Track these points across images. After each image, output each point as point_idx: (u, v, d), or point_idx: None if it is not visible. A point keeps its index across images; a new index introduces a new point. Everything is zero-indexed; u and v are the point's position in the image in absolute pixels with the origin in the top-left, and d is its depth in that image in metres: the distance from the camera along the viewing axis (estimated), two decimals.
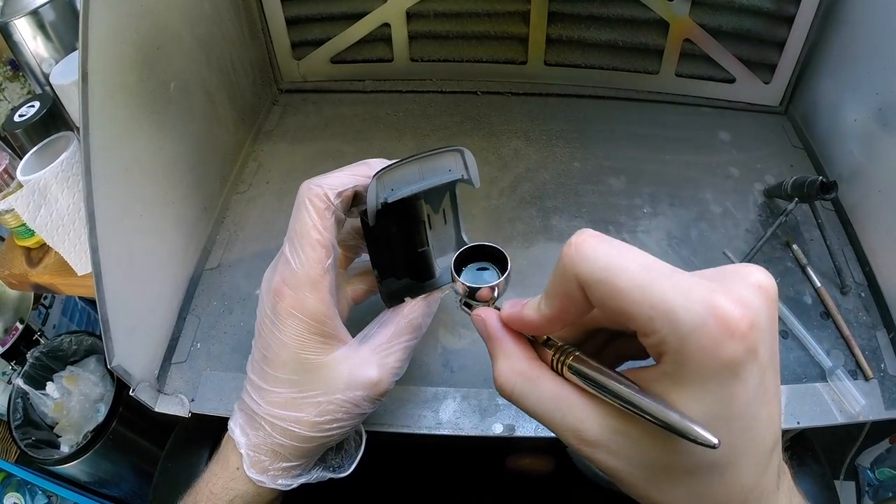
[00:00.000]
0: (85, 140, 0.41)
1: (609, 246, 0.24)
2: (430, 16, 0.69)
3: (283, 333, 0.35)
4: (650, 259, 0.23)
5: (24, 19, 0.64)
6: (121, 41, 0.46)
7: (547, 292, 0.26)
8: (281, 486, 0.37)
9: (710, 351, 0.21)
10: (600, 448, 0.24)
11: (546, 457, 0.52)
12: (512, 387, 0.27)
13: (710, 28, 0.66)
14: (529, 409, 0.27)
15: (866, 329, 0.51)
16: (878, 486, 0.98)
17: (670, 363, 0.22)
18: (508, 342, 0.28)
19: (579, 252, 0.24)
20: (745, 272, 0.23)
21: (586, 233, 0.24)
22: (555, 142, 0.67)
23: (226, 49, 0.64)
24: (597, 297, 0.24)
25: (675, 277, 0.22)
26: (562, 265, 0.24)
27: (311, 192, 0.35)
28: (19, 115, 0.63)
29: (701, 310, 0.21)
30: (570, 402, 0.25)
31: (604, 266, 0.23)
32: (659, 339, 0.22)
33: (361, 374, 0.36)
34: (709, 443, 0.21)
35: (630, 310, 0.22)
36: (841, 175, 0.61)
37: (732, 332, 0.21)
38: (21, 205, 0.56)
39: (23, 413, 0.90)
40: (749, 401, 0.22)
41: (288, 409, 0.36)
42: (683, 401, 0.22)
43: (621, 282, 0.22)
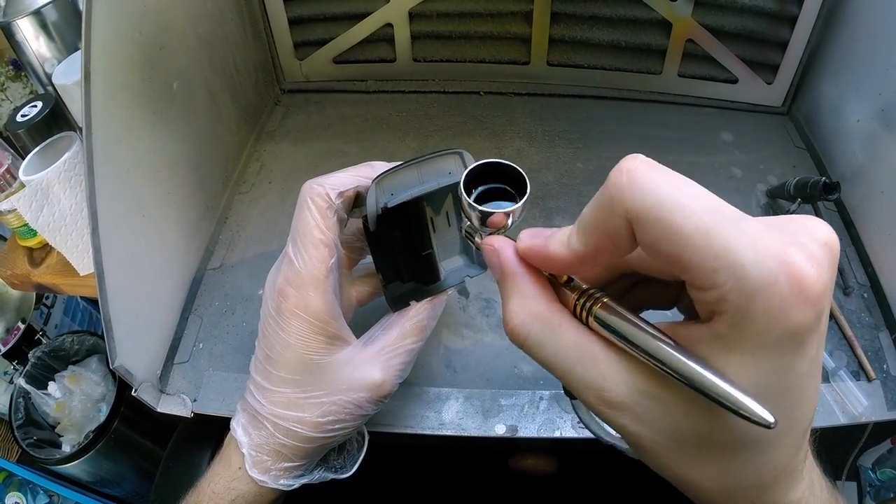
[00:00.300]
0: (87, 140, 0.41)
1: (668, 177, 0.20)
2: (433, 16, 0.69)
3: (287, 333, 0.35)
4: (715, 199, 0.19)
5: (26, 19, 0.64)
6: (123, 41, 0.46)
7: (583, 226, 0.22)
8: (283, 486, 0.37)
9: (778, 314, 0.18)
10: (625, 411, 0.21)
11: (548, 457, 0.52)
12: (528, 332, 0.23)
13: (712, 28, 0.65)
14: (545, 359, 0.23)
15: (869, 330, 0.51)
16: (879, 487, 0.98)
17: (727, 324, 0.19)
18: (526, 279, 0.24)
19: (633, 182, 0.20)
20: (811, 226, 0.19)
21: (639, 158, 0.20)
22: (557, 142, 0.67)
23: (228, 49, 0.64)
24: (648, 239, 0.20)
25: (744, 224, 0.19)
26: (608, 195, 0.20)
27: (313, 192, 0.35)
28: (22, 115, 0.63)
29: (773, 266, 0.18)
30: (594, 355, 0.22)
31: (660, 201, 0.19)
32: (719, 296, 0.19)
33: (365, 376, 0.36)
34: (764, 422, 0.18)
35: (689, 258, 0.19)
36: (843, 176, 0.60)
37: (806, 295, 0.18)
38: (23, 205, 0.56)
39: (24, 413, 0.90)
40: (804, 373, 0.19)
41: (291, 410, 0.36)
42: (734, 369, 0.19)
43: (682, 223, 0.19)
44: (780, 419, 0.19)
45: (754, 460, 0.21)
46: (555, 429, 0.45)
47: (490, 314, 0.52)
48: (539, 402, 0.46)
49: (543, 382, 0.48)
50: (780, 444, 0.21)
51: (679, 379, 0.19)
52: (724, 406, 0.19)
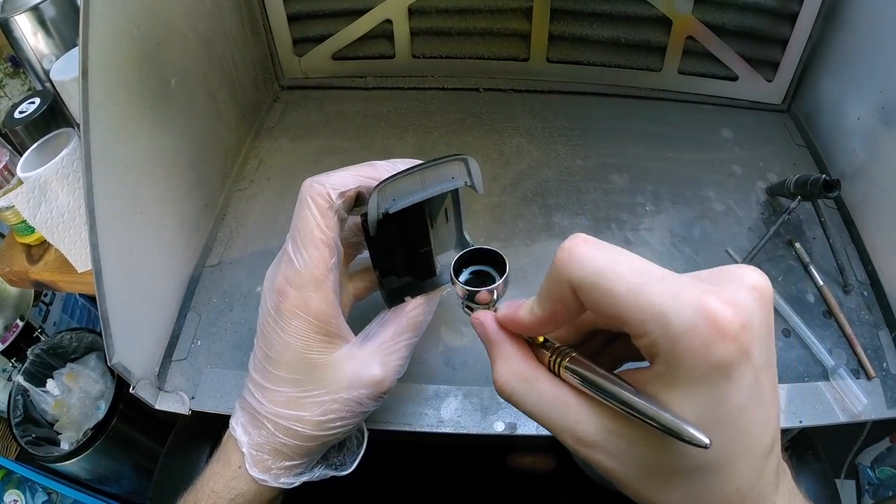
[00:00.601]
0: (85, 136, 0.41)
1: (602, 251, 0.24)
2: (432, 12, 0.69)
3: (287, 333, 0.35)
4: (642, 263, 0.23)
5: (24, 15, 0.64)
6: (121, 37, 0.45)
7: (540, 294, 0.26)
8: (283, 484, 0.37)
9: (700, 352, 0.21)
10: (597, 448, 0.25)
11: (547, 455, 0.52)
12: (511, 389, 0.27)
13: (712, 25, 0.65)
14: (527, 409, 0.27)
15: (869, 328, 0.51)
16: (878, 485, 0.98)
17: (663, 364, 0.22)
18: (506, 344, 0.28)
19: (572, 257, 0.24)
20: (740, 273, 0.23)
21: (579, 237, 0.24)
22: (557, 139, 0.67)
23: (227, 45, 0.63)
24: (590, 301, 0.24)
25: (667, 281, 0.22)
26: (555, 269, 0.25)
27: (314, 191, 0.35)
28: (20, 111, 0.63)
29: (691, 312, 0.21)
30: (567, 402, 0.25)
31: (596, 271, 0.23)
32: (651, 342, 0.22)
33: (365, 373, 0.36)
34: (700, 443, 0.21)
35: (622, 313, 0.23)
36: (844, 173, 0.60)
37: (723, 333, 0.21)
38: (21, 201, 0.56)
39: (23, 410, 0.90)
40: (743, 403, 0.22)
41: (291, 409, 0.35)
42: (676, 402, 0.22)
43: (614, 286, 0.23)
44: (724, 443, 0.22)
45: (714, 484, 0.23)
46: None
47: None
48: None
49: None
50: (735, 467, 0.23)
51: (632, 414, 0.23)
52: (667, 432, 0.21)
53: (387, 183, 0.35)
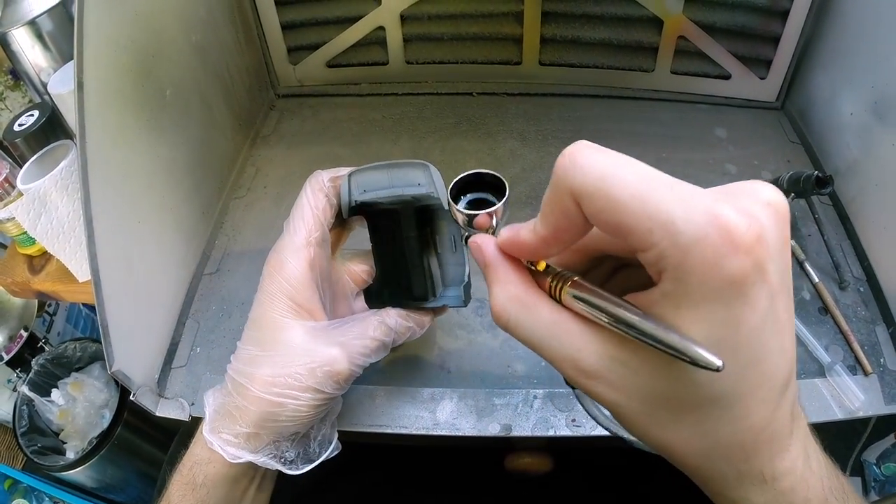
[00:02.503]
0: (81, 148, 0.41)
1: (605, 155, 0.21)
2: (424, 18, 0.69)
3: (262, 293, 0.37)
4: (649, 169, 0.21)
5: (22, 29, 0.64)
6: (116, 49, 0.46)
7: (542, 211, 0.24)
8: (228, 454, 0.37)
9: (713, 265, 0.19)
10: (599, 379, 0.23)
11: (544, 456, 0.52)
12: (508, 314, 0.25)
13: (704, 25, 0.65)
14: (525, 337, 0.25)
15: (865, 324, 0.51)
16: (884, 482, 0.97)
17: (671, 281, 0.20)
18: (504, 268, 0.26)
19: (573, 162, 0.22)
20: (753, 188, 0.21)
21: (581, 143, 0.22)
22: (551, 142, 0.67)
23: (222, 55, 0.64)
24: (592, 211, 0.21)
25: (676, 187, 0.20)
26: (555, 178, 0.22)
27: (313, 178, 0.39)
28: (19, 124, 0.63)
29: (702, 219, 0.19)
30: (568, 329, 0.24)
31: (599, 176, 0.21)
32: (658, 254, 0.20)
33: (323, 349, 0.36)
34: (712, 365, 0.19)
35: (627, 222, 0.20)
36: (838, 169, 0.60)
37: (737, 244, 0.19)
38: (21, 213, 0.56)
39: (28, 420, 0.90)
40: (758, 326, 0.20)
41: (248, 366, 0.37)
42: (686, 323, 0.20)
43: (618, 192, 0.20)
44: (736, 371, 0.20)
45: (725, 418, 0.22)
46: (549, 427, 0.45)
47: (484, 314, 0.52)
48: (533, 401, 0.47)
49: (537, 381, 0.48)
50: (750, 400, 0.22)
51: (637, 336, 0.21)
52: (675, 355, 0.20)
53: (356, 171, 0.38)
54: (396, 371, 0.49)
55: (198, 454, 0.38)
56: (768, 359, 0.21)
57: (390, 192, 0.37)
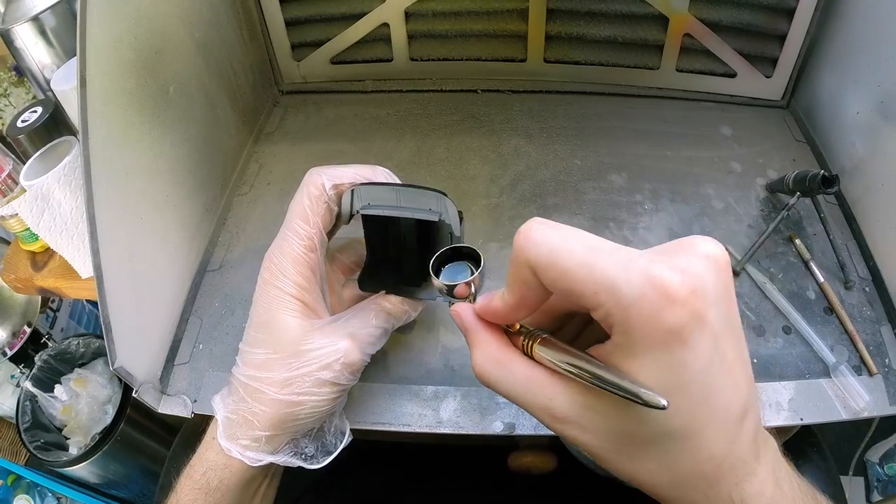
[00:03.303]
0: (84, 144, 0.41)
1: (555, 230, 0.25)
2: (429, 15, 0.69)
3: (266, 297, 0.37)
4: (595, 239, 0.24)
5: (25, 25, 0.64)
6: (119, 46, 0.46)
7: (507, 282, 0.27)
8: (249, 459, 0.37)
9: (652, 319, 0.22)
10: (571, 424, 0.26)
11: (548, 454, 0.52)
12: (487, 373, 0.28)
13: (710, 22, 0.65)
14: (505, 392, 0.28)
15: (870, 324, 0.51)
16: (887, 482, 0.97)
17: (619, 334, 0.23)
18: (482, 332, 0.30)
19: (527, 239, 0.25)
20: (692, 243, 0.24)
21: (534, 221, 0.25)
22: (555, 139, 0.67)
23: (225, 52, 0.64)
24: (548, 280, 0.25)
25: (616, 253, 0.23)
26: (513, 253, 0.26)
27: (311, 179, 0.38)
28: (22, 120, 0.63)
29: (639, 280, 0.22)
30: (541, 382, 0.26)
31: (549, 249, 0.24)
32: (605, 312, 0.23)
33: (335, 341, 0.37)
34: (657, 404, 0.21)
35: (577, 288, 0.23)
36: (844, 169, 0.60)
37: (673, 298, 0.21)
38: (24, 209, 0.56)
39: (31, 416, 0.91)
40: (703, 368, 0.22)
41: (261, 370, 0.37)
42: (636, 369, 0.23)
43: (567, 262, 0.23)
44: (688, 409, 0.23)
45: (684, 451, 0.24)
46: None
47: None
48: None
49: None
50: (704, 434, 0.24)
51: (594, 382, 0.24)
52: (625, 396, 0.22)
53: (363, 185, 0.38)
54: (399, 369, 0.49)
55: (212, 459, 0.38)
56: (719, 395, 0.23)
57: (397, 211, 0.38)
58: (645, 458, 0.25)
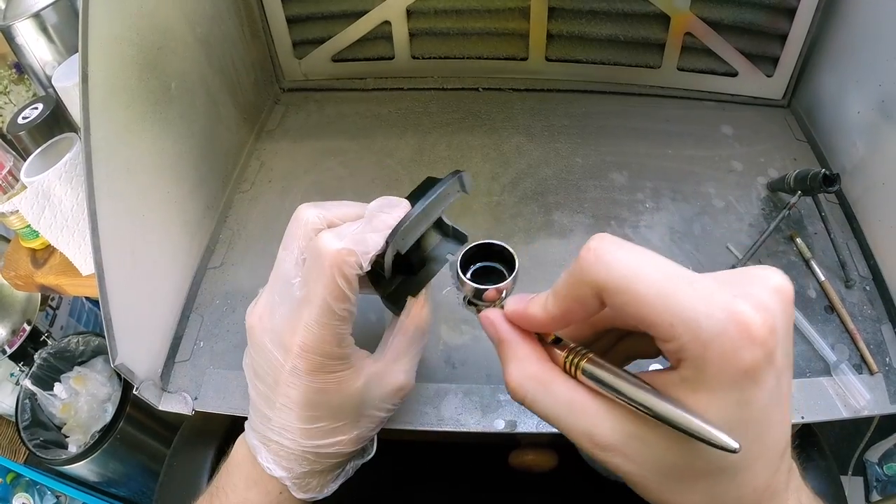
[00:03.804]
0: (86, 141, 0.41)
1: (629, 252, 0.23)
2: (431, 13, 0.69)
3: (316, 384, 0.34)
4: (671, 266, 0.23)
5: (26, 22, 0.64)
6: (121, 43, 0.46)
7: (556, 292, 0.26)
8: (328, 492, 0.38)
9: (730, 357, 0.21)
10: (614, 452, 0.24)
11: (549, 452, 0.52)
12: (524, 392, 0.27)
13: (711, 21, 0.65)
14: (542, 413, 0.26)
15: (871, 323, 0.51)
16: (886, 482, 0.97)
17: (690, 369, 0.22)
18: (520, 345, 0.28)
19: (599, 259, 0.23)
20: (763, 275, 0.23)
21: (606, 238, 0.24)
22: (556, 137, 0.67)
23: (227, 49, 0.64)
24: (616, 304, 0.23)
25: (697, 284, 0.22)
26: (578, 269, 0.24)
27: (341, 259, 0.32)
28: (23, 117, 0.63)
29: (722, 316, 0.21)
30: (584, 405, 0.25)
31: (624, 274, 0.23)
32: (679, 346, 0.22)
33: (392, 382, 0.37)
34: (729, 447, 0.21)
35: (651, 318, 0.22)
36: (845, 168, 0.60)
37: (753, 338, 0.21)
38: (25, 206, 0.56)
39: (31, 414, 0.90)
40: (765, 405, 0.22)
41: (332, 437, 0.36)
42: (702, 405, 0.22)
43: (643, 290, 0.22)
44: (746, 445, 0.22)
45: (732, 484, 0.24)
46: None
47: None
48: None
49: None
50: (754, 467, 0.24)
51: (657, 418, 0.22)
52: (695, 437, 0.21)
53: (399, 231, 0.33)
54: None
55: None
56: (772, 430, 0.23)
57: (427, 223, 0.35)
58: (690, 492, 0.24)
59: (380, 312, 0.50)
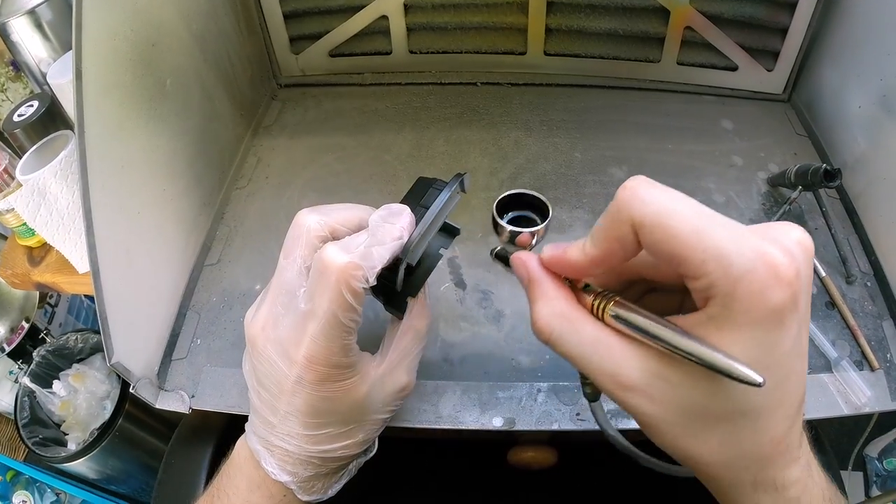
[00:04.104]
0: (80, 138, 0.41)
1: (664, 192, 0.24)
2: (428, 7, 0.68)
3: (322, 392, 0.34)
4: (704, 207, 0.23)
5: (21, 19, 0.64)
6: (115, 39, 0.45)
7: (595, 234, 0.26)
8: (332, 493, 0.39)
9: (758, 295, 0.22)
10: (638, 392, 0.25)
11: (549, 449, 0.52)
12: (551, 329, 0.27)
13: (711, 15, 0.65)
14: (567, 352, 0.27)
15: (872, 319, 0.51)
16: (886, 477, 0.97)
17: (718, 306, 0.23)
18: (549, 284, 0.28)
19: (635, 195, 0.24)
20: (786, 229, 0.24)
21: (641, 178, 0.24)
22: (555, 132, 0.67)
23: (223, 45, 0.63)
24: (651, 240, 0.24)
25: (729, 225, 0.23)
26: (616, 207, 0.24)
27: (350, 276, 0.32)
28: (18, 114, 0.63)
29: (752, 255, 0.22)
30: (610, 345, 0.25)
31: (660, 210, 0.23)
32: (709, 283, 0.22)
33: (395, 383, 0.37)
34: (754, 381, 0.21)
35: (683, 252, 0.23)
36: (846, 163, 0.60)
37: (781, 278, 0.21)
38: (21, 204, 0.56)
39: (30, 411, 0.90)
40: (788, 351, 0.23)
41: (338, 442, 0.36)
42: (727, 344, 0.22)
43: (677, 225, 0.23)
44: (769, 389, 0.23)
45: (751, 430, 0.24)
46: (552, 421, 0.45)
47: (487, 306, 0.51)
48: (537, 395, 0.46)
49: (541, 375, 0.47)
50: (774, 415, 0.24)
51: (683, 355, 0.23)
52: (720, 372, 0.22)
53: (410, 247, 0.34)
54: None
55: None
56: (792, 379, 0.24)
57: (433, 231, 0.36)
58: (709, 435, 0.24)
59: (377, 310, 0.50)
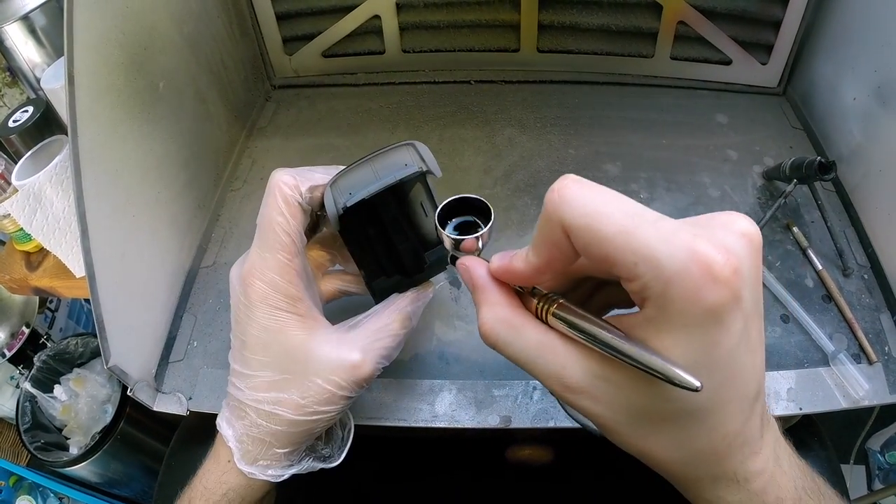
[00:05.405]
0: (73, 142, 0.41)
1: (592, 191, 0.23)
2: (420, 6, 0.68)
3: (260, 318, 0.35)
4: (634, 205, 0.23)
5: (15, 25, 0.64)
6: (106, 43, 0.46)
7: (534, 241, 0.26)
8: (271, 476, 0.37)
9: (692, 296, 0.21)
10: (583, 394, 0.24)
11: (545, 447, 0.52)
12: (496, 335, 0.27)
13: (704, 9, 0.64)
14: (513, 356, 0.27)
15: (869, 312, 0.50)
16: (888, 470, 0.97)
17: (653, 308, 0.22)
18: (493, 291, 0.28)
19: (562, 198, 0.23)
20: (729, 220, 0.23)
21: (569, 178, 0.24)
22: (549, 129, 0.67)
23: (215, 47, 0.64)
24: (581, 244, 0.23)
25: (659, 224, 0.22)
26: (546, 212, 0.24)
27: (282, 179, 0.36)
28: (13, 120, 0.63)
29: (683, 255, 0.21)
30: (554, 348, 0.25)
31: (587, 212, 0.22)
32: (642, 285, 0.22)
33: (344, 356, 0.36)
34: (691, 386, 0.21)
35: (613, 255, 0.22)
36: (841, 155, 0.59)
37: (715, 277, 0.21)
38: (17, 209, 0.56)
39: (31, 416, 0.91)
40: (732, 348, 0.22)
41: (271, 392, 0.36)
42: (666, 346, 0.22)
43: (605, 227, 0.22)
44: (713, 388, 0.22)
45: (701, 429, 0.24)
46: (548, 419, 0.45)
47: None
48: (532, 393, 0.46)
49: None
50: (724, 412, 0.23)
51: (621, 358, 0.22)
52: (657, 376, 0.21)
53: (339, 177, 0.35)
54: (394, 363, 0.49)
55: (232, 482, 0.37)
56: (741, 375, 0.23)
57: (378, 184, 0.35)
58: (658, 434, 0.24)
59: None
